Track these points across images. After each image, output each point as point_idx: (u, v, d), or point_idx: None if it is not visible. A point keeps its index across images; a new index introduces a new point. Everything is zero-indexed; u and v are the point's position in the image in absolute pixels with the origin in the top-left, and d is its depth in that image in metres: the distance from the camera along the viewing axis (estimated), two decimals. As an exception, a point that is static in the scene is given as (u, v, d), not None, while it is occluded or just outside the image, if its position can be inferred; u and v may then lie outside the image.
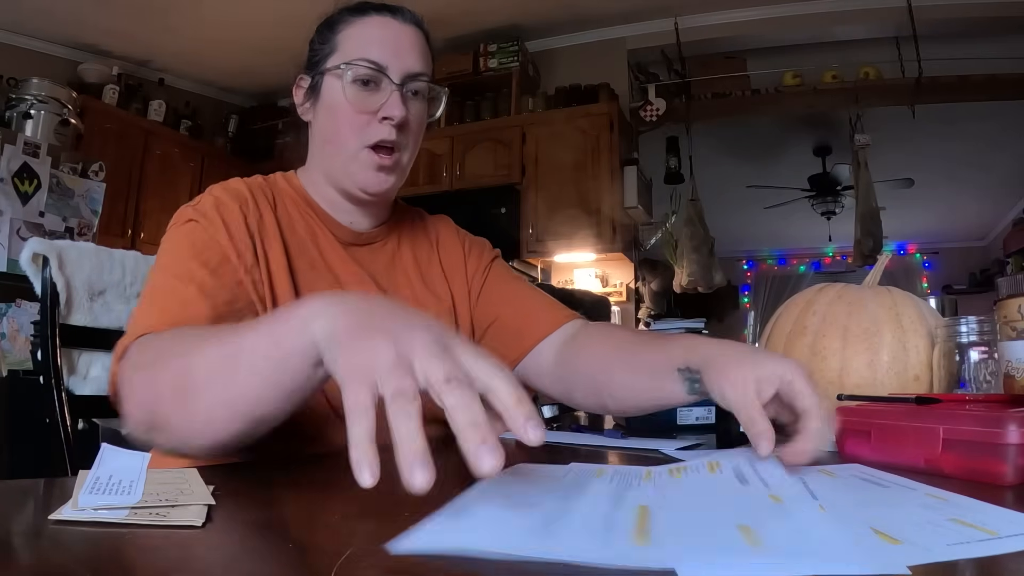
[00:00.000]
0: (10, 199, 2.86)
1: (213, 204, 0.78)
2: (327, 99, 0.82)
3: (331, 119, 0.82)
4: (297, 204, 0.87)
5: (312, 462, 0.68)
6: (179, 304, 0.68)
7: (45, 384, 0.91)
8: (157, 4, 3.64)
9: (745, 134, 4.91)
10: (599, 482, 0.51)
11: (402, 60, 0.81)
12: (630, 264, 4.08)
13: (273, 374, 0.48)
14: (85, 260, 0.99)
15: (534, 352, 0.91)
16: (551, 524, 0.37)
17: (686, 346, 0.71)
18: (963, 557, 0.32)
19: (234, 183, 0.84)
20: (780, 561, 0.30)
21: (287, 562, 0.34)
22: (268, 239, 0.80)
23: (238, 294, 0.74)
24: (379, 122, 0.80)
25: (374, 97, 0.80)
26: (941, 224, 6.54)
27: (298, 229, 0.85)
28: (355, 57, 0.80)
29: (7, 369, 2.46)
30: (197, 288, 0.70)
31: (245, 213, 0.79)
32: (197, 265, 0.72)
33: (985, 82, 3.63)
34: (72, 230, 3.07)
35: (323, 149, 0.86)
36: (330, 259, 0.86)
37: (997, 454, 0.51)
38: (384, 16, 0.83)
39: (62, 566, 0.32)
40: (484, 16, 3.97)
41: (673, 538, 0.35)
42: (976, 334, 0.77)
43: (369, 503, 0.50)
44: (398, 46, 0.82)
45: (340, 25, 0.83)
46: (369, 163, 0.81)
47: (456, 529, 0.36)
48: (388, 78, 0.80)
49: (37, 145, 3.00)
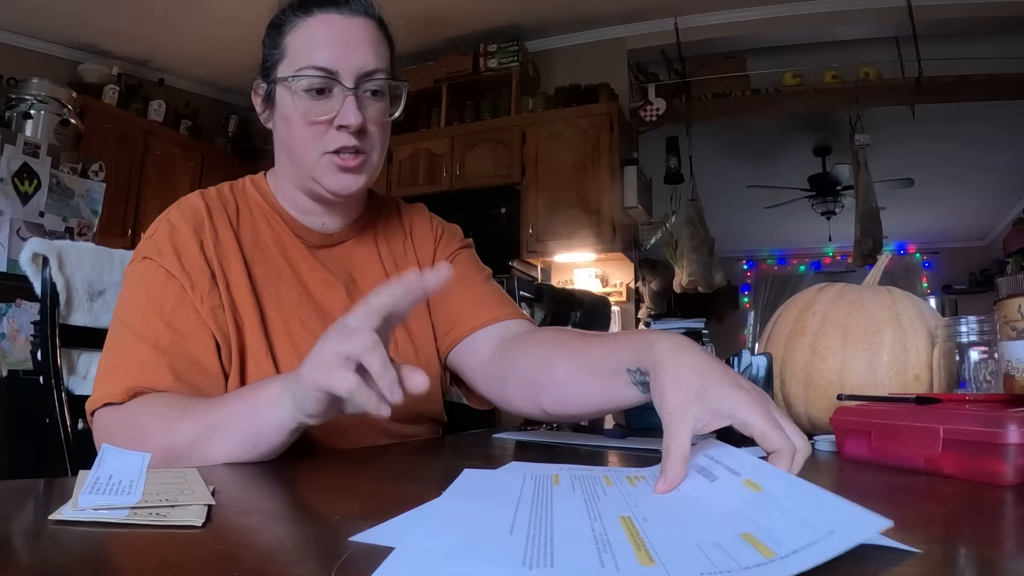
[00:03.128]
0: (10, 199, 2.86)
1: (168, 235, 0.78)
2: (281, 110, 0.79)
3: (288, 130, 0.79)
4: (264, 212, 0.86)
5: (312, 462, 0.68)
6: (137, 368, 0.71)
7: (45, 384, 0.91)
8: (157, 4, 3.64)
9: (745, 134, 4.91)
10: (563, 491, 0.47)
11: (352, 60, 0.76)
12: (630, 264, 4.08)
13: (249, 443, 0.62)
14: (85, 260, 0.99)
15: (469, 341, 0.88)
16: (543, 547, 0.34)
17: (639, 345, 0.63)
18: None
19: (192, 200, 0.82)
20: (799, 559, 0.30)
21: (287, 562, 0.34)
22: (227, 260, 0.79)
23: (195, 336, 0.75)
24: (336, 130, 0.77)
25: (328, 105, 0.76)
26: (941, 224, 6.53)
27: (263, 239, 0.84)
28: (302, 65, 0.76)
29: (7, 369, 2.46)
30: (152, 347, 0.72)
31: (201, 238, 0.78)
32: (154, 316, 0.74)
33: (985, 82, 3.63)
34: (72, 230, 3.07)
35: (287, 156, 0.83)
36: (298, 267, 0.85)
37: (997, 454, 0.51)
38: (328, 12, 0.77)
39: (62, 566, 0.32)
40: (484, 16, 3.97)
41: (677, 556, 0.33)
42: (976, 334, 0.77)
43: (369, 503, 0.50)
44: (347, 45, 0.76)
45: (286, 27, 0.79)
46: (332, 168, 0.78)
47: (440, 554, 0.34)
48: (340, 83, 0.76)
49: (37, 145, 3.00)
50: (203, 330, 0.75)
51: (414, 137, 4.17)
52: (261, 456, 0.63)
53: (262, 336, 0.77)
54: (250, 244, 0.83)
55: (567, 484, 0.50)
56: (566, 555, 0.33)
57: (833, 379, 0.83)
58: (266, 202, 0.87)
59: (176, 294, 0.75)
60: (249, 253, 0.82)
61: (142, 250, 0.79)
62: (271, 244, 0.84)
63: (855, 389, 0.79)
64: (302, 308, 0.82)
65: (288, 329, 0.80)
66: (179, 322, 0.74)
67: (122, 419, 0.69)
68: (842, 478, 0.62)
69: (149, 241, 0.79)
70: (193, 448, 0.62)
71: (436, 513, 0.41)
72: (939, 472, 0.56)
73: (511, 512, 0.41)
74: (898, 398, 0.69)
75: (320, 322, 0.81)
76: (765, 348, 0.92)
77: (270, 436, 0.61)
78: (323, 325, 0.71)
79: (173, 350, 0.72)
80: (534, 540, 0.35)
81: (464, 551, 0.34)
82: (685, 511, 0.43)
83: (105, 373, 0.72)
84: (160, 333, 0.73)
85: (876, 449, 0.62)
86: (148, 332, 0.73)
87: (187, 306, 0.75)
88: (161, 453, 0.61)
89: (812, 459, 0.71)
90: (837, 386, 0.82)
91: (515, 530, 0.37)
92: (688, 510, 0.43)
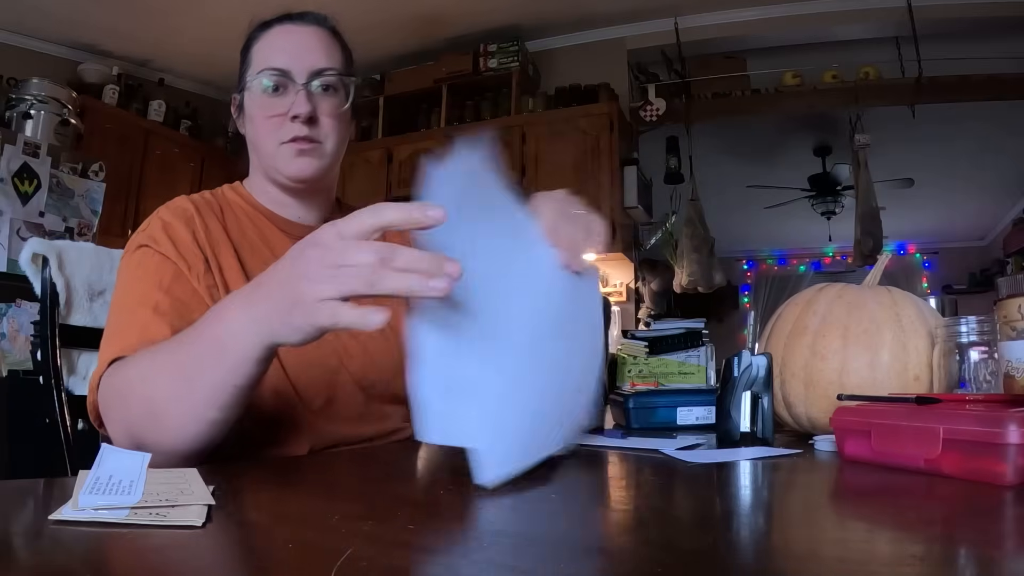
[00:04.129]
0: (10, 199, 2.86)
1: (161, 227, 0.83)
2: (248, 111, 0.90)
3: (253, 127, 0.90)
4: (246, 211, 0.93)
5: (312, 462, 0.68)
6: (139, 329, 0.73)
7: (45, 384, 0.91)
8: (157, 4, 3.64)
9: (745, 134, 4.91)
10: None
11: (304, 60, 0.87)
12: (630, 264, 4.08)
13: (224, 379, 0.58)
14: (85, 260, 0.99)
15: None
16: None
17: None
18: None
19: (179, 201, 0.89)
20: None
21: (287, 562, 0.34)
22: (218, 247, 0.85)
23: (194, 305, 0.77)
24: (290, 121, 0.86)
25: (283, 100, 0.87)
26: (941, 224, 6.53)
27: (248, 233, 0.91)
28: (262, 68, 0.87)
29: (7, 369, 2.46)
30: (152, 310, 0.75)
31: (192, 229, 0.84)
32: (151, 288, 0.77)
33: (985, 82, 3.63)
34: (72, 230, 3.07)
35: (255, 153, 0.93)
36: (282, 255, 0.88)
37: (997, 454, 0.51)
38: (285, 24, 0.90)
39: (62, 566, 0.32)
40: (484, 16, 3.97)
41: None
42: (976, 334, 0.77)
43: (369, 503, 0.50)
44: (300, 48, 0.88)
45: (252, 42, 0.91)
46: (289, 154, 0.88)
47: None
48: (292, 80, 0.86)
49: (37, 145, 3.00)
50: (201, 302, 0.78)
51: (414, 137, 4.17)
52: (241, 391, 0.60)
53: None
54: (238, 236, 0.89)
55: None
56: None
57: (833, 379, 0.83)
58: (246, 202, 0.94)
59: (173, 272, 0.79)
60: (238, 243, 0.88)
61: (137, 240, 0.83)
62: (256, 237, 0.91)
63: (855, 389, 0.79)
64: None
65: None
66: (178, 292, 0.78)
67: (114, 380, 0.69)
68: (842, 478, 0.62)
69: (143, 233, 0.83)
70: (171, 403, 0.61)
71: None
72: (939, 472, 0.56)
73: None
74: (898, 398, 0.69)
75: None
76: (765, 348, 0.92)
77: (244, 373, 0.58)
78: None
79: (173, 313, 0.75)
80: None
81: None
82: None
83: (107, 344, 0.74)
84: (159, 299, 0.76)
85: (876, 449, 0.62)
86: (147, 299, 0.76)
87: (184, 282, 0.79)
88: (146, 406, 0.63)
89: (812, 459, 0.72)
90: (837, 386, 0.82)
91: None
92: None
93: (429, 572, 0.33)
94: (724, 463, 0.67)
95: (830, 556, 0.36)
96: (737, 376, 0.81)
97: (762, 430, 0.80)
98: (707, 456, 0.70)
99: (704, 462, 0.67)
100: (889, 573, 0.31)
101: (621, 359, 1.33)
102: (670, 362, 1.30)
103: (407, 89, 4.28)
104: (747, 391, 0.81)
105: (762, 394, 0.81)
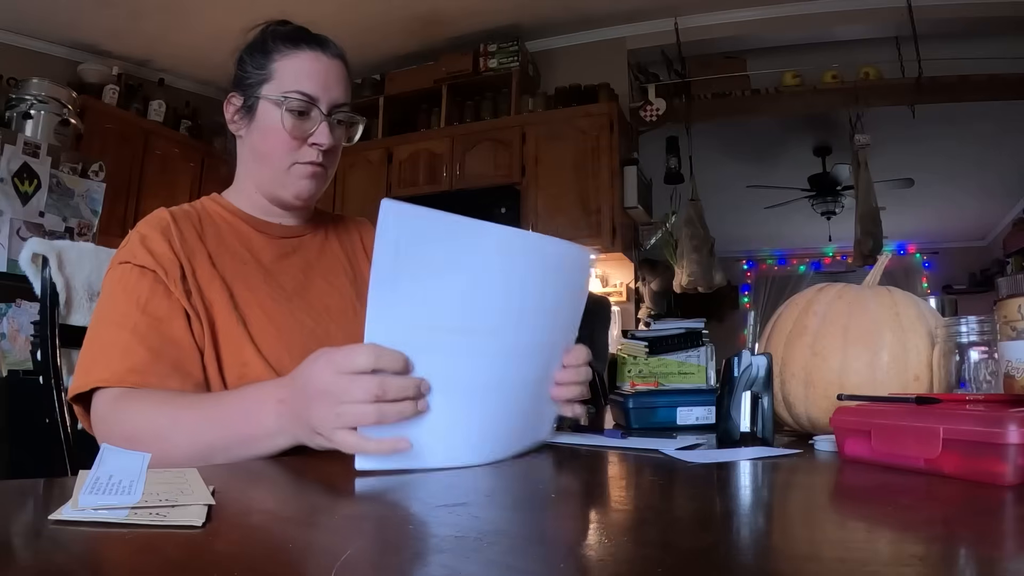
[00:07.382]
0: (10, 199, 2.86)
1: (139, 240, 0.87)
2: (263, 122, 0.93)
3: (265, 140, 0.93)
4: (225, 218, 0.97)
5: (312, 462, 0.68)
6: (119, 353, 0.78)
7: (45, 384, 0.91)
8: (157, 4, 3.64)
9: (745, 134, 4.91)
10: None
11: (330, 93, 0.93)
12: (630, 264, 4.08)
13: (247, 457, 0.69)
14: (85, 260, 0.99)
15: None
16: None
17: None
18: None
19: (159, 213, 0.92)
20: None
21: (287, 562, 0.34)
22: (193, 255, 0.89)
23: (170, 318, 0.83)
24: (308, 146, 0.93)
25: (305, 124, 0.92)
26: (941, 224, 6.53)
27: (227, 239, 0.94)
28: (291, 89, 0.91)
29: (7, 369, 2.46)
30: (131, 332, 0.79)
31: (168, 238, 0.88)
32: (131, 307, 0.82)
33: (985, 82, 3.63)
34: (72, 230, 3.07)
35: (256, 162, 0.96)
36: (263, 258, 0.96)
37: (997, 454, 0.51)
38: (316, 51, 0.94)
39: (62, 566, 0.32)
40: (484, 16, 3.97)
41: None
42: (976, 334, 0.77)
43: (369, 503, 0.50)
44: (327, 80, 0.93)
45: (275, 54, 0.93)
46: (300, 175, 0.94)
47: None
48: (318, 109, 0.92)
49: (37, 145, 3.00)
50: (178, 312, 0.83)
51: (414, 137, 4.17)
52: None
53: (231, 310, 0.87)
54: (214, 243, 0.92)
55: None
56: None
57: (833, 379, 0.83)
58: (226, 210, 0.98)
59: (151, 284, 0.84)
60: (214, 249, 0.91)
61: (118, 257, 0.88)
62: (235, 241, 0.95)
63: (855, 389, 0.79)
64: (268, 284, 0.93)
65: (260, 303, 0.90)
66: (154, 308, 0.82)
67: (121, 424, 0.75)
68: (842, 478, 0.62)
69: (123, 250, 0.88)
70: (190, 460, 0.67)
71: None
72: (939, 472, 0.56)
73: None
74: (898, 398, 0.69)
75: (284, 295, 0.93)
76: (765, 348, 0.92)
77: (268, 454, 0.70)
78: (289, 296, 0.92)
79: (150, 333, 0.80)
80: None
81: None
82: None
83: (91, 361, 0.79)
84: (137, 320, 0.81)
85: (876, 449, 0.62)
86: (126, 321, 0.80)
87: (161, 292, 0.83)
88: (159, 453, 0.64)
89: (812, 459, 0.72)
90: (837, 386, 0.82)
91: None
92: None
93: (429, 572, 0.33)
94: (724, 463, 0.67)
95: (830, 556, 0.36)
96: (737, 376, 0.81)
97: (762, 430, 0.80)
98: (707, 456, 0.70)
99: (704, 462, 0.67)
100: (889, 573, 0.31)
101: (621, 359, 1.33)
102: (670, 362, 1.30)
103: (407, 89, 4.28)
104: (747, 391, 0.81)
105: (762, 394, 0.81)
